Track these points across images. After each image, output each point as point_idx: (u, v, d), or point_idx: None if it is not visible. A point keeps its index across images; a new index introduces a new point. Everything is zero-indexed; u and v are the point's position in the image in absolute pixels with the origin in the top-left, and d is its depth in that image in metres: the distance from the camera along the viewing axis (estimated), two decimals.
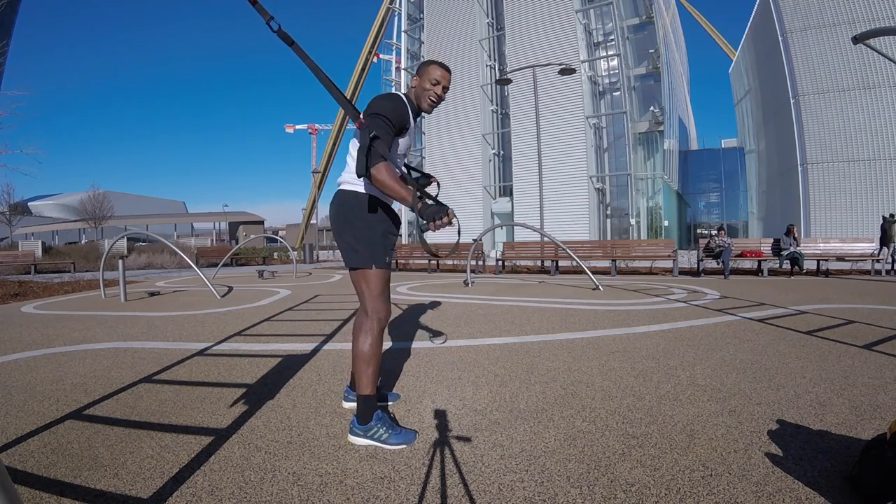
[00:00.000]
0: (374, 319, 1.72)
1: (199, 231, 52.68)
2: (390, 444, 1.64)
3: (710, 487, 1.32)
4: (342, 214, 1.76)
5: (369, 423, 1.67)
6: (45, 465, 1.52)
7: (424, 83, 1.80)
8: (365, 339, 1.70)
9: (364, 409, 1.68)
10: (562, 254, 10.12)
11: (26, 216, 44.18)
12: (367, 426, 1.66)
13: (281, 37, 1.47)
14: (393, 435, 1.66)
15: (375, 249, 1.74)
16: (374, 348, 1.70)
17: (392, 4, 28.59)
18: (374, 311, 1.74)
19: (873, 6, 16.51)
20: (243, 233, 45.60)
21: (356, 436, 1.68)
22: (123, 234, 8.78)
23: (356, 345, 1.71)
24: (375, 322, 1.72)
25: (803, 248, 9.69)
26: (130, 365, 2.82)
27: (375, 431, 1.66)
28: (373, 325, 1.72)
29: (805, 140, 17.71)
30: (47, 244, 24.18)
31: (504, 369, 2.61)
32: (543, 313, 4.62)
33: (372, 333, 1.71)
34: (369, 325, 1.72)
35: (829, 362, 2.62)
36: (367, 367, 1.69)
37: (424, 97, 1.80)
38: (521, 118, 20.55)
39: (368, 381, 1.70)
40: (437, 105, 1.84)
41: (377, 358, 1.72)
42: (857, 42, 4.26)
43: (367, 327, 1.71)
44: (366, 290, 1.75)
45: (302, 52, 1.50)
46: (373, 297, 1.74)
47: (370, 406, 1.68)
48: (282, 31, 1.47)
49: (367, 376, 1.69)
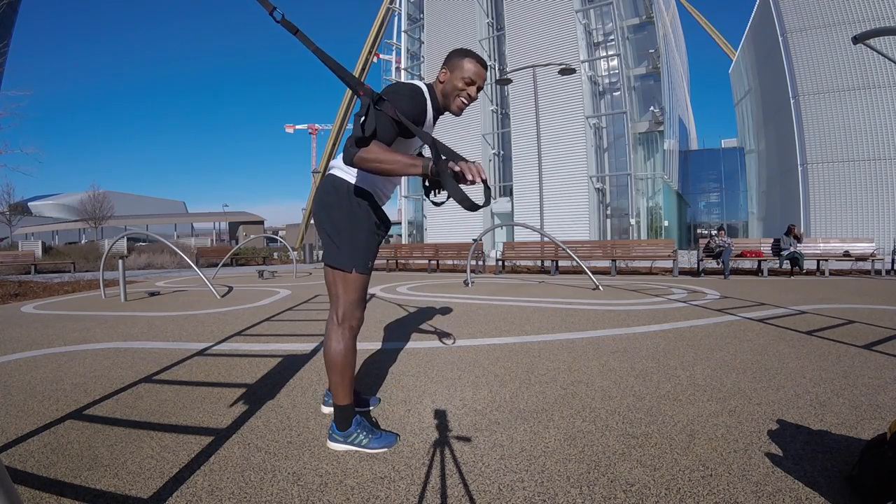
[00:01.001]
0: (345, 327, 1.61)
1: (199, 231, 52.63)
2: (371, 448, 1.60)
3: (710, 487, 1.32)
4: (325, 202, 1.61)
5: (348, 429, 1.61)
6: (45, 465, 1.52)
7: (456, 80, 1.56)
8: (337, 348, 1.59)
9: (342, 417, 1.62)
10: (562, 254, 10.12)
11: (26, 216, 44.15)
12: (347, 432, 1.61)
13: (285, 26, 1.47)
14: (373, 439, 1.61)
15: (357, 250, 1.60)
16: (346, 358, 1.60)
17: (392, 4, 28.57)
18: (346, 318, 1.62)
19: (873, 6, 16.50)
20: (243, 233, 45.58)
21: (336, 442, 1.63)
22: (123, 234, 8.77)
23: (328, 354, 1.61)
24: (347, 329, 1.62)
25: (803, 248, 9.69)
26: (130, 365, 2.82)
27: (355, 437, 1.60)
28: (344, 333, 1.61)
29: (805, 140, 17.69)
30: (47, 244, 24.18)
31: (504, 369, 2.60)
32: (543, 313, 4.62)
33: (344, 341, 1.60)
34: (340, 332, 1.61)
35: (829, 362, 2.62)
36: (341, 377, 1.60)
37: (454, 98, 1.58)
38: (521, 118, 20.53)
39: (344, 391, 1.61)
40: (467, 107, 1.62)
41: (351, 368, 1.63)
42: (857, 42, 4.26)
43: (338, 335, 1.60)
44: (341, 293, 1.61)
45: (307, 39, 1.49)
46: (348, 302, 1.61)
47: (347, 414, 1.62)
48: (286, 20, 1.47)
49: (341, 387, 1.61)
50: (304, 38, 1.48)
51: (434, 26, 24.05)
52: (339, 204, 1.59)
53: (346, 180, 1.60)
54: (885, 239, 13.69)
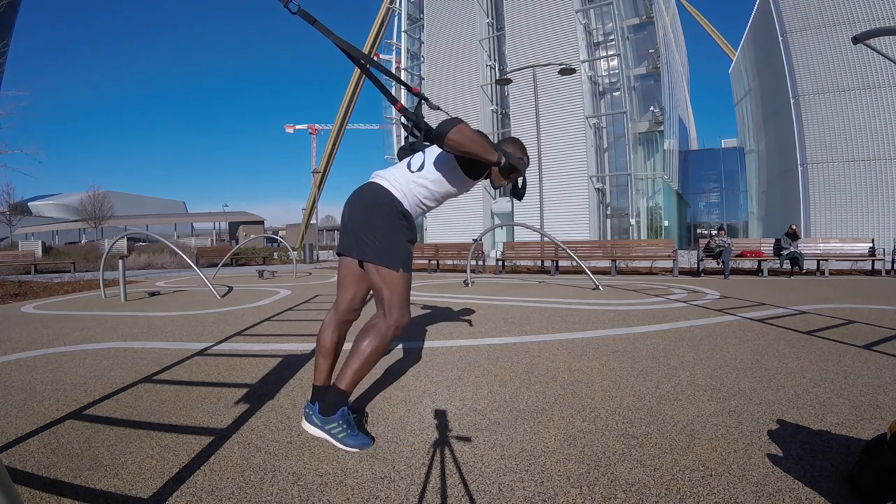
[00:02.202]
0: (393, 328, 1.60)
1: (199, 231, 52.65)
2: (345, 444, 1.58)
3: (710, 487, 1.32)
4: (367, 204, 1.64)
5: (331, 416, 1.59)
6: (45, 465, 1.52)
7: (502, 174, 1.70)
8: (372, 342, 1.58)
9: (333, 402, 1.59)
10: (562, 254, 10.12)
11: (26, 216, 44.14)
12: (329, 418, 1.59)
13: (303, 16, 1.48)
14: (350, 435, 1.59)
15: (401, 251, 1.62)
16: (376, 353, 1.60)
17: (392, 4, 28.57)
18: (397, 319, 1.60)
19: (873, 6, 16.50)
20: (243, 233, 45.56)
21: (312, 424, 1.61)
22: (123, 234, 8.78)
23: (360, 342, 1.59)
24: (392, 331, 1.60)
25: (803, 248, 9.69)
26: (130, 365, 2.82)
27: (334, 427, 1.58)
28: (387, 333, 1.60)
29: (805, 140, 17.69)
30: (47, 244, 24.16)
31: (504, 369, 2.60)
32: (543, 313, 4.62)
33: (384, 340, 1.60)
34: (385, 330, 1.59)
35: (829, 362, 2.62)
36: (361, 367, 1.59)
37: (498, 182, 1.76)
38: (521, 118, 20.52)
39: (352, 378, 1.59)
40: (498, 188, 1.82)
41: (371, 364, 1.62)
42: (857, 42, 4.26)
43: (382, 332, 1.59)
44: (390, 295, 1.60)
45: (325, 28, 1.50)
46: (400, 303, 1.61)
47: (340, 401, 1.60)
48: (302, 11, 1.48)
49: (353, 373, 1.59)
50: (322, 27, 1.50)
51: (434, 26, 24.05)
52: (381, 210, 1.62)
53: (391, 192, 1.65)
54: (885, 239, 13.68)
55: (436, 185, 1.70)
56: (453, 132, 1.48)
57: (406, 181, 1.68)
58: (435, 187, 1.70)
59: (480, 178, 1.76)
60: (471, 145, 1.51)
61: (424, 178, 1.69)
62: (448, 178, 1.70)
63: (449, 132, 1.48)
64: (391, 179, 1.68)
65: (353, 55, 1.66)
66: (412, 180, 1.68)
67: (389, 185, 1.66)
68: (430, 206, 1.75)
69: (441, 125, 1.51)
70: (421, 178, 1.69)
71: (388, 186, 1.66)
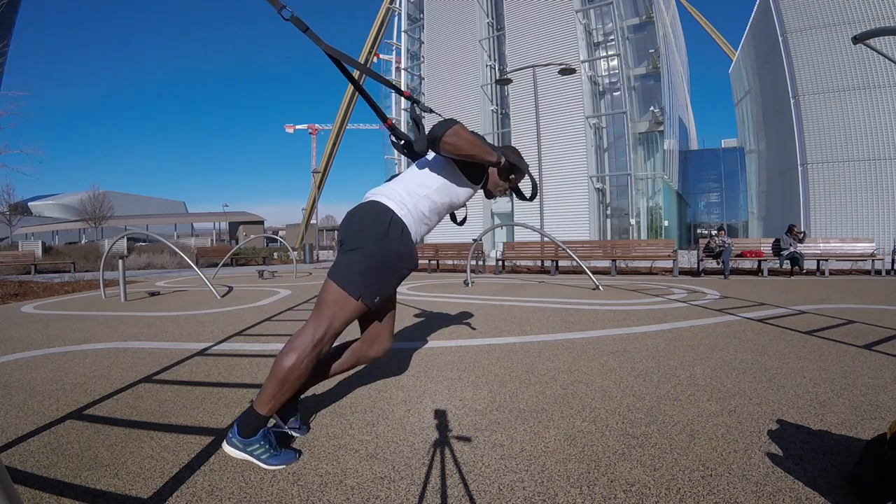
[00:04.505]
0: (318, 350, 1.47)
1: (199, 231, 52.65)
2: (268, 464, 1.47)
3: (710, 487, 1.32)
4: (362, 223, 1.53)
5: (252, 438, 1.47)
6: (45, 465, 1.52)
7: (502, 175, 1.69)
8: (297, 365, 1.43)
9: (252, 425, 1.47)
10: (562, 254, 10.12)
11: (26, 216, 44.18)
12: (249, 440, 1.47)
13: (295, 24, 1.46)
14: (272, 456, 1.48)
15: (374, 281, 1.50)
16: (300, 378, 1.46)
17: (392, 4, 28.56)
18: (319, 343, 1.47)
19: (873, 6, 16.49)
20: (243, 233, 45.56)
21: (233, 447, 1.49)
22: (123, 234, 8.77)
23: (280, 361, 1.44)
24: (315, 353, 1.46)
25: (803, 248, 9.69)
26: (130, 365, 2.82)
27: (256, 449, 1.47)
28: (311, 355, 1.45)
29: (805, 140, 17.68)
30: (47, 244, 24.17)
31: (504, 369, 2.60)
32: (543, 313, 4.62)
33: (307, 362, 1.45)
34: (310, 352, 1.45)
35: (829, 362, 2.62)
36: (280, 392, 1.45)
37: (496, 187, 1.75)
38: (521, 118, 20.52)
39: (272, 404, 1.46)
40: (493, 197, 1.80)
41: (293, 387, 1.47)
42: (857, 42, 4.26)
43: (306, 354, 1.44)
44: (332, 315, 1.47)
45: (317, 37, 1.48)
46: (334, 328, 1.48)
47: (259, 425, 1.47)
48: (295, 18, 1.45)
49: (273, 399, 1.45)
50: (314, 36, 1.47)
51: (434, 26, 24.05)
52: (376, 231, 1.50)
53: (393, 210, 1.53)
54: (885, 239, 13.67)
55: (439, 195, 1.62)
56: (449, 135, 1.43)
57: (409, 195, 1.58)
58: (438, 197, 1.62)
59: (480, 182, 1.71)
60: (469, 147, 1.46)
61: (428, 187, 1.60)
62: (452, 183, 1.63)
63: (444, 135, 1.43)
64: (391, 195, 1.57)
65: (343, 66, 1.58)
66: (415, 193, 1.59)
67: (390, 202, 1.55)
68: (433, 221, 1.67)
69: (435, 128, 1.45)
70: (424, 188, 1.60)
71: (388, 203, 1.54)
